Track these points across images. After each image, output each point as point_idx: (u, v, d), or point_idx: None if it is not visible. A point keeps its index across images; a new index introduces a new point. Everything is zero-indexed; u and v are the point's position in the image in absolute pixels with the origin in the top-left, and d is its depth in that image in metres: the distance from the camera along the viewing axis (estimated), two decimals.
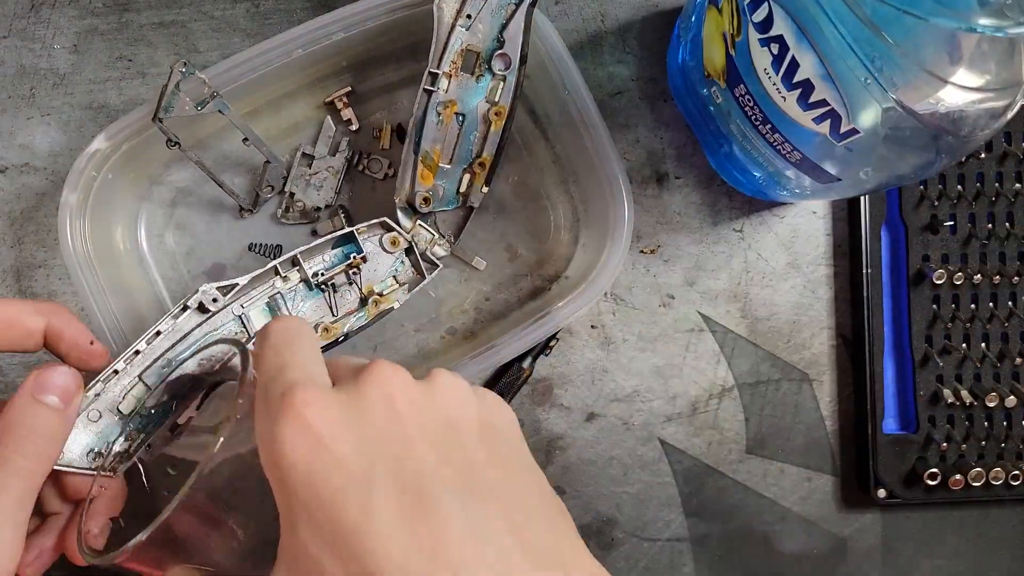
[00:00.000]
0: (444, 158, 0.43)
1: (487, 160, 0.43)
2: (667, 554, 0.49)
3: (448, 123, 0.42)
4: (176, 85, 0.40)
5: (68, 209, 0.42)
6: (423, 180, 0.43)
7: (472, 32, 0.41)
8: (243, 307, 0.40)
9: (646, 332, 0.48)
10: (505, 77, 0.42)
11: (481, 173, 0.43)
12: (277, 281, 0.41)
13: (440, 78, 0.41)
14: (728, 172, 0.47)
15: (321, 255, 0.42)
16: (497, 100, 0.42)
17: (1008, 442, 0.48)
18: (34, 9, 0.47)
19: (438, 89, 0.41)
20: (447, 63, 0.41)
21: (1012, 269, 0.48)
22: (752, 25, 0.35)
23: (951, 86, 0.32)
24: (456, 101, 0.42)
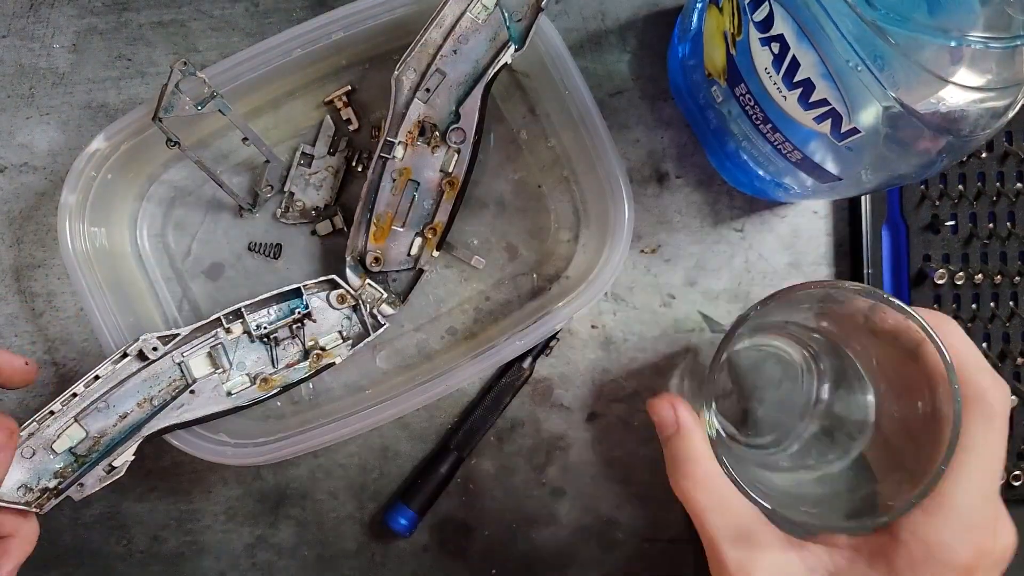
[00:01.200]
0: (397, 222, 0.44)
1: (439, 227, 0.44)
2: (667, 554, 0.49)
3: (402, 188, 0.44)
4: (176, 84, 0.40)
5: (67, 210, 0.42)
6: (375, 240, 0.44)
7: (430, 105, 0.42)
8: (183, 355, 0.41)
9: (647, 332, 0.48)
10: (460, 149, 0.43)
11: (432, 239, 0.45)
12: (220, 332, 0.42)
13: (396, 146, 0.43)
14: (729, 172, 0.47)
15: (267, 308, 0.43)
16: (451, 171, 0.43)
17: (1009, 443, 0.48)
18: (33, 8, 0.46)
19: (393, 157, 0.43)
20: (403, 133, 0.43)
21: (1013, 269, 0.47)
22: (753, 24, 0.35)
23: (952, 85, 0.32)
24: (411, 168, 0.43)
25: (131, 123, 0.42)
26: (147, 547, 0.48)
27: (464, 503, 0.48)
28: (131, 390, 0.40)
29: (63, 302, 0.47)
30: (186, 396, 0.41)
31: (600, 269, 0.44)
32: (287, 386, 0.43)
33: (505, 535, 0.48)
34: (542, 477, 0.48)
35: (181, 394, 0.40)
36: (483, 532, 0.48)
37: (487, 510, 0.48)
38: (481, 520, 0.48)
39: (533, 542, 0.48)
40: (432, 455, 0.48)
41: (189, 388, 0.41)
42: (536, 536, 0.49)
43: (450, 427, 0.48)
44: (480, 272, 0.48)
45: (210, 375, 0.41)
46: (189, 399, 0.41)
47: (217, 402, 0.41)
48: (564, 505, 0.49)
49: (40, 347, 0.47)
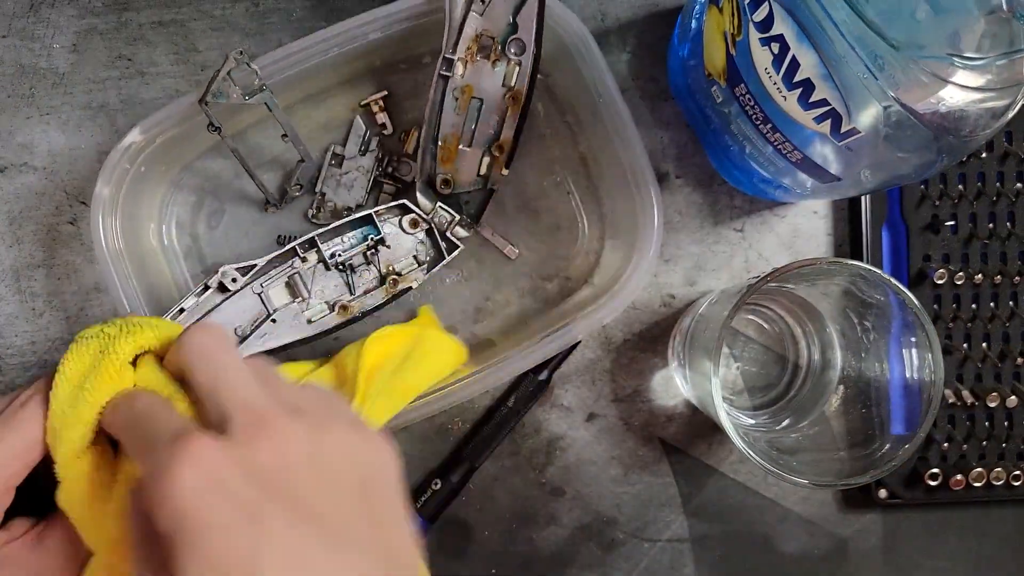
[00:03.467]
0: (464, 141, 0.43)
1: (506, 143, 0.43)
2: (668, 555, 0.49)
3: (465, 107, 0.43)
4: (229, 72, 0.40)
5: (101, 203, 0.42)
6: (443, 163, 0.44)
7: (486, 17, 0.41)
8: (263, 286, 0.42)
9: (647, 332, 0.48)
10: (520, 62, 0.42)
11: (500, 156, 0.44)
12: (296, 261, 0.42)
13: (455, 63, 0.42)
14: (729, 171, 0.47)
15: (340, 236, 0.43)
16: (513, 84, 0.42)
17: (1009, 442, 0.48)
18: (33, 8, 0.46)
19: (454, 74, 0.42)
20: (462, 48, 0.42)
21: (1013, 269, 0.47)
22: (753, 24, 0.35)
23: (952, 86, 0.32)
24: (472, 86, 0.42)
25: (168, 117, 0.42)
26: None
27: (464, 503, 0.48)
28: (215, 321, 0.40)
29: (63, 302, 0.47)
30: (268, 325, 0.42)
31: (624, 281, 0.43)
32: (366, 312, 0.43)
33: (505, 535, 0.48)
34: (542, 477, 0.48)
35: (264, 323, 0.42)
36: (483, 532, 0.48)
37: (487, 510, 0.48)
38: (481, 520, 0.48)
39: (533, 542, 0.48)
40: (444, 464, 0.48)
41: (271, 317, 0.42)
42: (536, 536, 0.49)
43: (463, 436, 0.48)
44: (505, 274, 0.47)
45: (289, 304, 0.42)
46: (271, 327, 0.42)
47: (299, 329, 0.42)
48: (564, 505, 0.49)
49: (40, 347, 0.47)
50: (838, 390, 0.45)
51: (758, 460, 0.38)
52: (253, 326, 0.42)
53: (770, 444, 0.43)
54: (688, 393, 0.47)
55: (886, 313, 0.40)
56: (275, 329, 0.42)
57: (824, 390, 0.45)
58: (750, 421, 0.47)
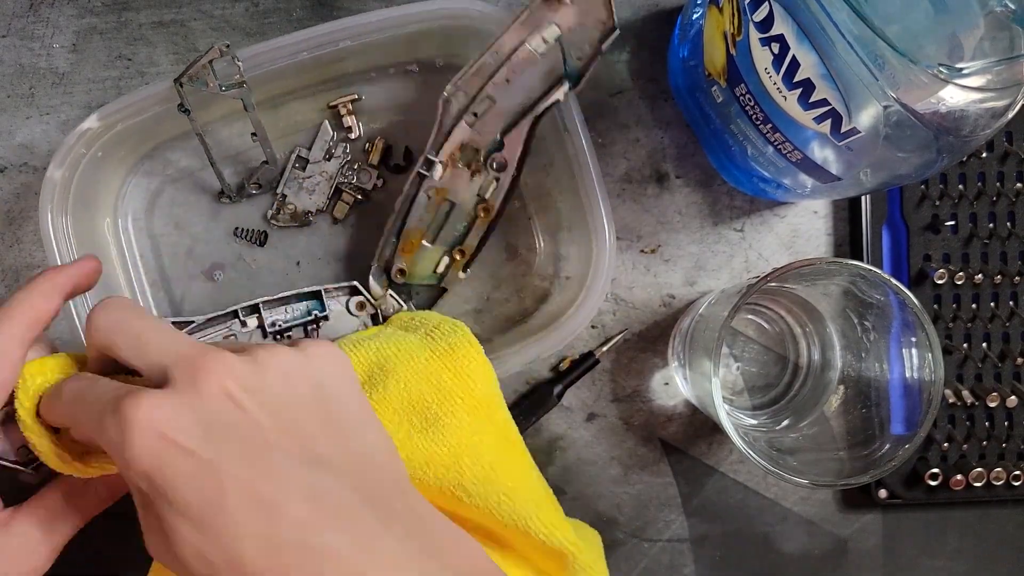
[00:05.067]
0: (427, 237, 0.44)
1: (468, 249, 0.44)
2: (667, 554, 0.49)
3: (437, 207, 0.44)
4: (210, 61, 0.40)
5: (52, 187, 0.41)
6: (403, 253, 0.44)
7: (476, 130, 0.42)
8: None
9: (647, 332, 0.48)
10: (499, 178, 0.43)
11: (461, 260, 0.45)
12: (235, 324, 0.42)
13: (436, 165, 0.43)
14: (729, 172, 0.47)
15: (285, 306, 0.43)
16: (487, 197, 0.43)
17: (1009, 442, 0.48)
18: (33, 8, 0.46)
19: (432, 175, 0.43)
20: (445, 153, 0.42)
21: (1013, 269, 0.47)
22: (753, 24, 0.35)
23: (952, 86, 0.32)
24: (448, 189, 0.43)
25: (127, 105, 0.42)
26: None
27: None
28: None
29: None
30: None
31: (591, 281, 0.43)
32: None
33: None
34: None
35: None
36: None
37: None
38: None
39: None
40: None
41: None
42: None
43: None
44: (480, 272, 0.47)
45: None
46: None
47: None
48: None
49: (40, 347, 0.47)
50: (838, 390, 0.45)
51: (758, 460, 0.38)
52: None
53: (770, 444, 0.43)
54: (688, 393, 0.47)
55: (886, 313, 0.40)
56: None
57: (824, 390, 0.45)
58: (750, 421, 0.47)
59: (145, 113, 0.42)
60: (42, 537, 0.33)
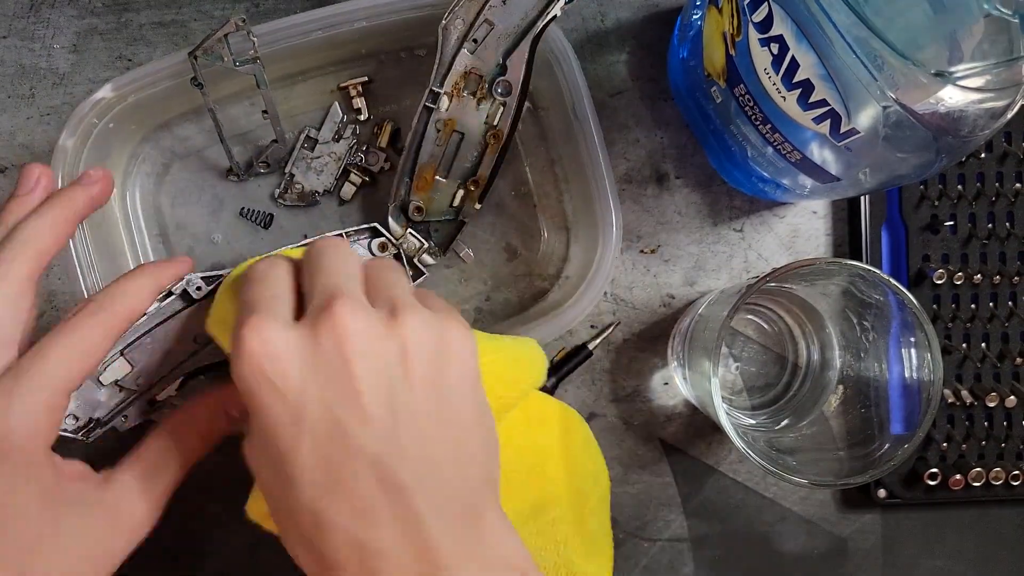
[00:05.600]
0: (440, 172, 0.44)
1: (482, 179, 0.44)
2: (667, 554, 0.49)
3: (446, 140, 0.43)
4: (226, 35, 0.40)
5: (64, 155, 0.41)
6: (418, 191, 0.44)
7: (476, 56, 0.42)
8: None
9: (646, 332, 0.48)
10: (505, 103, 0.43)
11: (475, 191, 0.44)
12: None
13: (441, 97, 0.42)
14: (728, 172, 0.47)
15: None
16: (496, 124, 0.43)
17: (1008, 442, 0.48)
18: (34, 9, 0.47)
19: (438, 107, 0.42)
20: (449, 83, 0.42)
21: (1012, 269, 0.47)
22: (752, 25, 0.35)
23: (951, 86, 0.32)
24: (455, 120, 0.43)
25: (143, 76, 0.42)
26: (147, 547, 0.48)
27: None
28: (175, 328, 0.39)
29: (64, 302, 0.47)
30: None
31: (593, 273, 0.44)
32: None
33: None
34: None
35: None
36: None
37: None
38: None
39: None
40: None
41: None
42: None
43: None
44: (480, 272, 0.48)
45: None
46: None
47: None
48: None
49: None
50: (837, 390, 0.45)
51: (757, 460, 0.38)
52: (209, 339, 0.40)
53: (769, 444, 0.43)
54: (687, 393, 0.47)
55: (885, 313, 0.40)
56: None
57: (823, 390, 0.45)
58: (749, 421, 0.47)
59: (158, 85, 0.42)
60: (143, 494, 0.33)
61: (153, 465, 0.34)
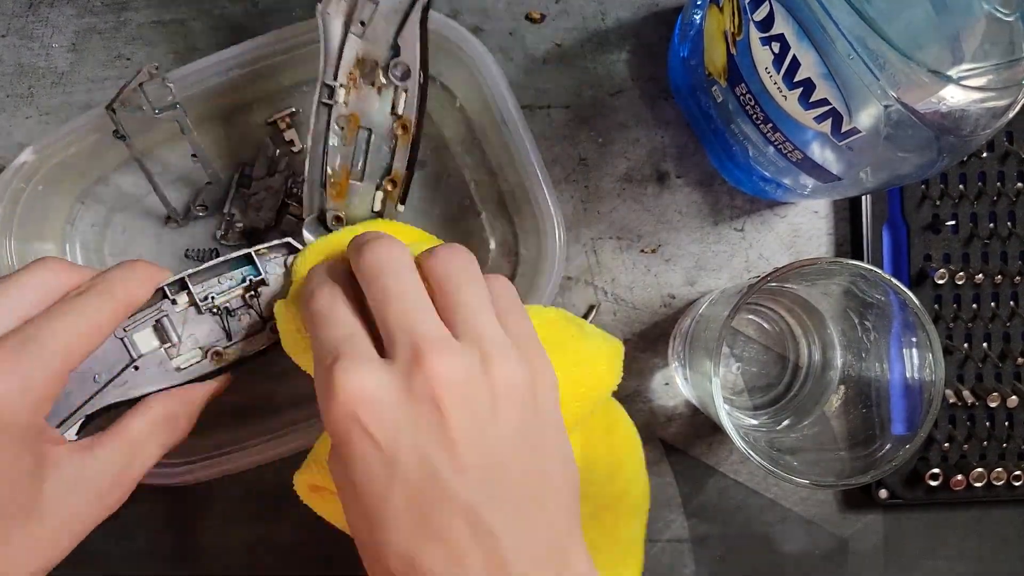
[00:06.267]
0: (354, 175, 0.40)
1: (398, 176, 0.40)
2: (668, 555, 0.49)
3: (352, 138, 0.39)
4: (141, 85, 0.39)
5: None
6: (334, 199, 0.40)
7: (367, 40, 0.38)
8: (126, 330, 0.37)
9: (647, 332, 0.48)
10: (407, 88, 0.39)
11: (394, 190, 0.40)
12: (165, 304, 0.38)
13: (337, 90, 0.38)
14: (729, 171, 0.47)
15: (217, 276, 0.39)
16: (401, 112, 0.39)
17: (1010, 442, 0.48)
18: (32, 8, 0.46)
19: (336, 102, 0.39)
20: (343, 74, 0.38)
21: (1014, 269, 0.47)
22: (753, 24, 0.35)
23: (953, 85, 0.32)
24: (358, 115, 0.39)
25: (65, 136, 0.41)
26: (147, 547, 0.48)
27: None
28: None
29: None
30: (129, 372, 0.37)
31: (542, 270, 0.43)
32: (245, 358, 0.39)
33: None
34: None
35: (125, 370, 0.37)
36: None
37: None
38: None
39: None
40: None
41: (133, 364, 0.37)
42: None
43: None
44: None
45: (156, 350, 0.38)
46: (133, 375, 0.37)
47: (164, 378, 0.38)
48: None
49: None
50: (839, 390, 0.45)
51: (758, 460, 0.38)
52: (113, 374, 0.37)
53: (770, 444, 0.43)
54: (688, 393, 0.47)
55: (887, 313, 0.40)
56: (137, 378, 0.37)
57: (824, 390, 0.45)
58: (750, 421, 0.47)
59: (83, 142, 0.42)
60: (123, 470, 0.33)
61: (135, 443, 0.34)
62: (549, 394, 0.30)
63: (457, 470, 0.27)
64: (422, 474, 0.27)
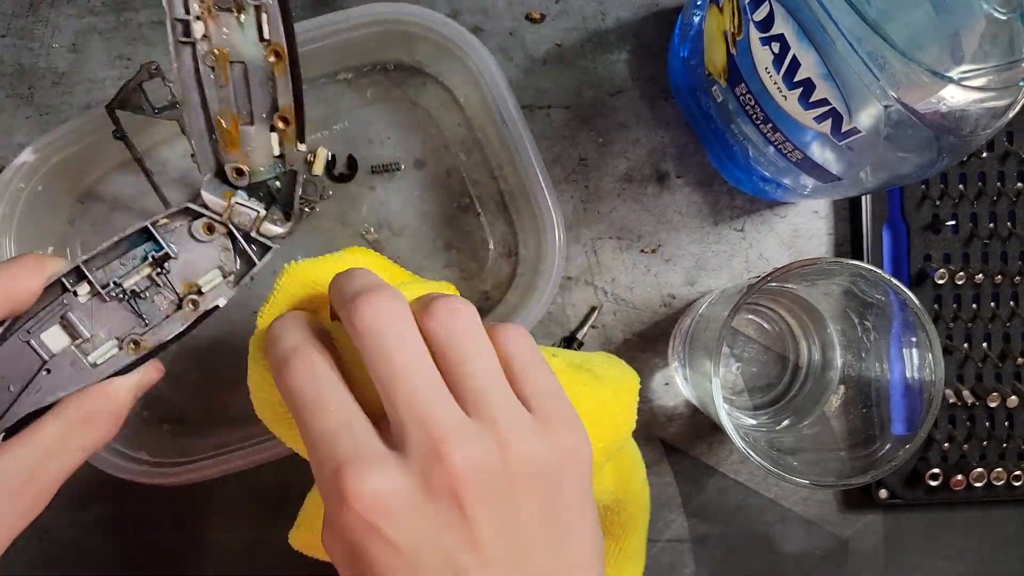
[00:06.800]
0: (243, 120, 0.34)
1: (287, 111, 0.34)
2: (668, 555, 0.49)
3: (227, 77, 0.34)
4: (140, 84, 0.38)
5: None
6: (228, 149, 0.35)
7: None
8: (29, 332, 0.34)
9: (647, 332, 0.48)
10: (267, 7, 0.33)
11: (288, 128, 0.35)
12: (66, 296, 0.34)
13: (192, 25, 0.32)
14: (729, 171, 0.47)
15: (118, 259, 0.35)
16: (269, 37, 0.33)
17: (1010, 442, 0.48)
18: (32, 8, 0.46)
19: (194, 37, 0.33)
20: (194, 4, 0.32)
21: (1014, 269, 0.47)
22: (753, 24, 0.35)
23: (953, 85, 0.32)
24: (225, 49, 0.33)
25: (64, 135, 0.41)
26: (147, 547, 0.48)
27: None
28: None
29: None
30: (42, 377, 0.34)
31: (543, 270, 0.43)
32: (164, 343, 0.35)
33: None
34: None
35: (36, 375, 0.34)
36: None
37: None
38: None
39: None
40: None
41: (44, 367, 0.34)
42: None
43: None
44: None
45: (67, 347, 0.34)
46: (46, 379, 0.34)
47: (81, 377, 0.34)
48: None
49: None
50: (838, 390, 0.45)
51: (758, 460, 0.38)
52: (25, 381, 0.34)
53: (770, 444, 0.43)
54: (688, 393, 0.47)
55: (887, 313, 0.40)
56: (51, 381, 0.34)
57: (824, 390, 0.45)
58: (750, 421, 0.47)
59: (82, 142, 0.42)
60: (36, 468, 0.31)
61: (46, 446, 0.31)
62: (580, 472, 0.28)
63: (482, 564, 0.26)
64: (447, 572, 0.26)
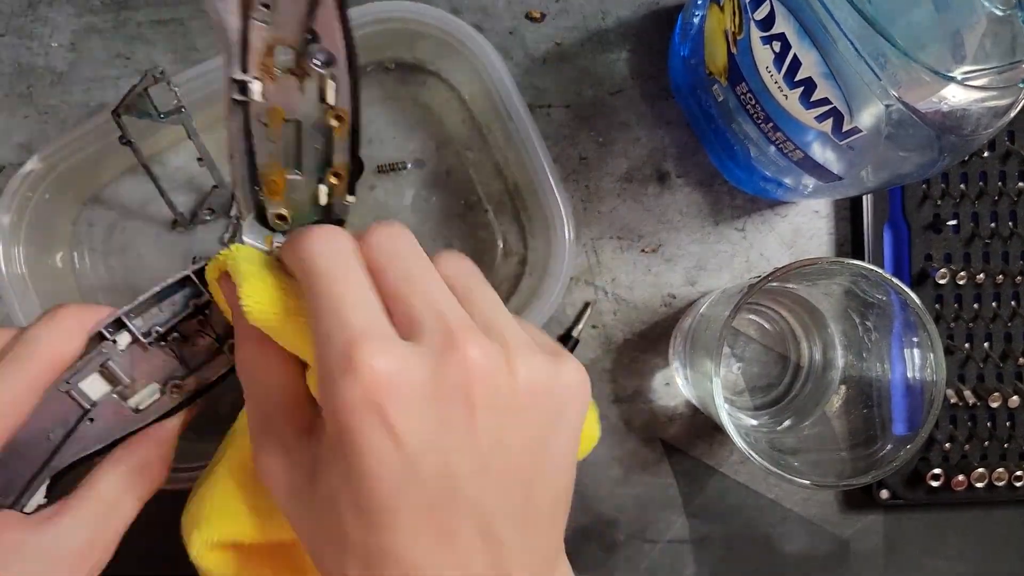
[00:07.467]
0: (289, 170, 0.35)
1: (342, 168, 0.35)
2: (669, 556, 0.49)
3: (279, 135, 0.34)
4: (146, 89, 0.39)
5: (2, 232, 0.41)
6: (272, 196, 0.35)
7: (275, 26, 0.32)
8: (68, 383, 0.33)
9: (647, 332, 0.48)
10: (333, 75, 0.33)
11: (340, 183, 0.35)
12: (105, 346, 0.34)
13: (250, 85, 0.32)
14: (730, 171, 0.46)
15: (157, 306, 0.35)
16: (332, 102, 0.34)
17: (1011, 443, 0.48)
18: (32, 7, 0.46)
19: (251, 98, 0.33)
20: (253, 65, 0.32)
21: (1015, 268, 0.47)
22: (754, 23, 0.35)
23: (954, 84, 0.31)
24: (283, 108, 0.34)
25: (69, 143, 0.41)
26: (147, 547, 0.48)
27: None
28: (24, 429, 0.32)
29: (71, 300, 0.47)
30: (85, 425, 0.34)
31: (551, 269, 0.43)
32: (207, 386, 0.35)
33: None
34: None
35: (79, 424, 0.34)
36: None
37: None
38: None
39: None
40: None
41: (87, 416, 0.33)
42: None
43: None
44: None
45: (109, 394, 0.34)
46: (89, 428, 0.34)
47: (124, 423, 0.34)
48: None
49: None
50: (840, 390, 0.44)
51: (759, 461, 0.38)
52: (67, 430, 0.33)
53: (771, 445, 0.43)
54: (689, 393, 0.46)
55: (888, 313, 0.40)
56: (94, 429, 0.33)
57: (825, 390, 0.45)
58: (751, 421, 0.47)
59: (88, 148, 0.42)
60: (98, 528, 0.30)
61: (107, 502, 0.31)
62: (575, 405, 0.28)
63: (478, 471, 0.25)
64: (442, 476, 0.25)
